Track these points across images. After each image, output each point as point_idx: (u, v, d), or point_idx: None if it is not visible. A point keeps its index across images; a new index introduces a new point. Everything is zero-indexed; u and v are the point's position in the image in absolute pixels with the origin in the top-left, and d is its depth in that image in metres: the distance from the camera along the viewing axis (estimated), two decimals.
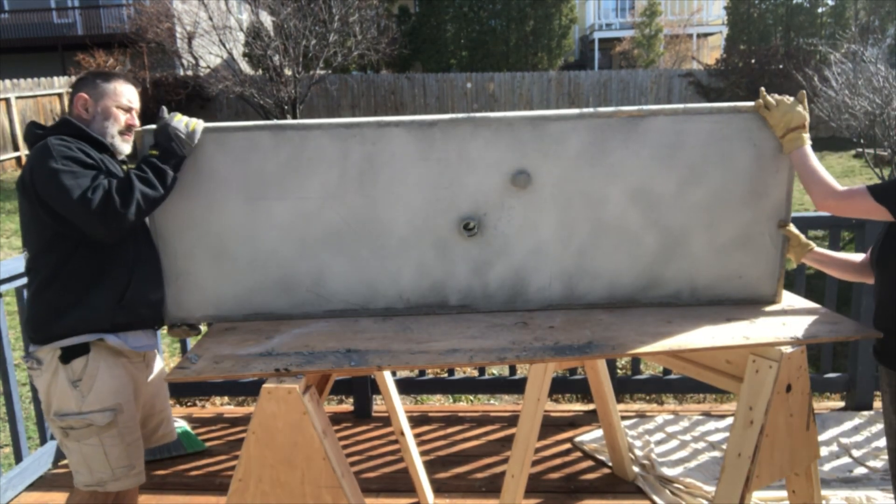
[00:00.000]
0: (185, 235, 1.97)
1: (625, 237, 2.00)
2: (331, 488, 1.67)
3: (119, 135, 2.00)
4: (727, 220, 1.98)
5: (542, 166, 1.94)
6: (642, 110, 1.92)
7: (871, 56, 9.39)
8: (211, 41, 14.52)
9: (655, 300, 2.05)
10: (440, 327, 1.93)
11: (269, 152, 1.92)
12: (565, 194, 1.96)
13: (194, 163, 1.92)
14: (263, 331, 1.95)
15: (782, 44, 17.12)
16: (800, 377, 1.80)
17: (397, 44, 16.91)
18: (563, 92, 17.54)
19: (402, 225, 1.97)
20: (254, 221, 1.96)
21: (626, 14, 25.00)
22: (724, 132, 1.92)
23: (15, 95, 14.06)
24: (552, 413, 3.42)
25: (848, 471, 2.81)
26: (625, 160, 1.94)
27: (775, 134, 1.89)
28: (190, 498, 2.79)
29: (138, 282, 1.93)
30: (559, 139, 1.92)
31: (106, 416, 1.92)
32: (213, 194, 1.94)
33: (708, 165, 1.94)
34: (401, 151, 1.92)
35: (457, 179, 1.94)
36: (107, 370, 1.92)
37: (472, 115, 1.92)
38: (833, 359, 3.42)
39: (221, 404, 3.92)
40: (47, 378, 1.92)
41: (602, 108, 1.96)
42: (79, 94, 1.98)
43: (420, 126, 1.90)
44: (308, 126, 1.90)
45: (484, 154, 1.93)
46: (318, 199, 1.95)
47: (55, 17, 19.77)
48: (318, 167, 1.93)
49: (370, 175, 1.94)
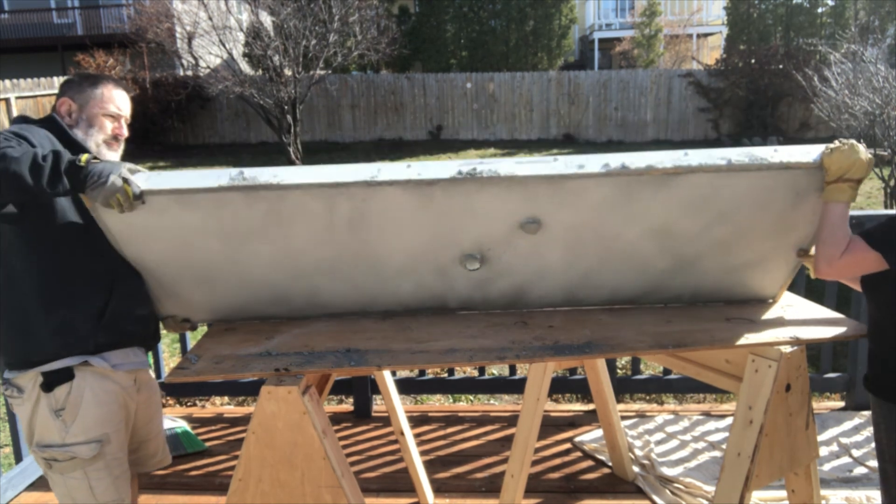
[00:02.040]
0: (167, 267, 1.84)
1: (636, 262, 1.90)
2: (331, 488, 1.67)
3: (104, 143, 1.86)
4: (746, 248, 1.86)
5: (557, 214, 1.74)
6: (679, 167, 1.63)
7: (870, 56, 9.40)
8: (211, 41, 14.51)
9: (657, 303, 2.05)
10: (440, 327, 1.92)
11: (242, 209, 1.67)
12: (578, 234, 1.80)
13: (160, 217, 1.68)
14: (263, 331, 1.95)
15: (782, 44, 17.12)
16: (799, 377, 1.80)
17: (397, 44, 16.89)
18: (562, 92, 17.52)
19: (399, 259, 1.84)
20: (238, 258, 1.80)
21: (626, 14, 24.98)
22: (766, 184, 1.70)
23: (15, 95, 14.06)
24: (552, 413, 3.41)
25: (848, 471, 2.81)
26: (650, 208, 1.73)
27: (825, 177, 1.66)
28: (190, 498, 2.79)
29: (120, 297, 1.81)
30: (579, 193, 1.69)
31: (91, 449, 1.77)
32: (189, 238, 1.75)
33: (741, 210, 1.76)
34: (395, 206, 1.69)
35: (460, 226, 1.76)
36: (93, 397, 1.78)
37: (478, 169, 1.63)
38: (833, 359, 3.42)
39: (221, 404, 3.92)
40: (29, 407, 1.77)
41: (631, 161, 1.64)
42: (63, 98, 1.84)
43: (417, 185, 1.64)
44: (285, 186, 1.62)
45: (491, 208, 1.72)
46: (306, 241, 1.78)
47: (55, 17, 19.75)
48: (300, 220, 1.71)
49: (361, 224, 1.73)
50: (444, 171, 1.63)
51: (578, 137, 17.55)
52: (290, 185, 1.62)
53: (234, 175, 1.63)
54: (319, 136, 17.83)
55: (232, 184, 1.62)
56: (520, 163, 1.64)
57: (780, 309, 2.00)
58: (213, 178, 1.63)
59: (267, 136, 17.15)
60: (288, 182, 1.62)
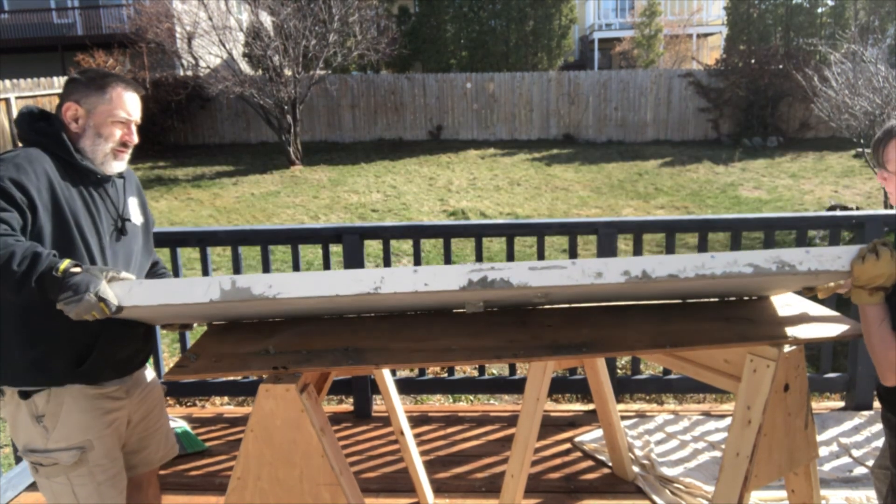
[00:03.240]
0: (156, 318, 1.81)
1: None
2: (329, 486, 1.67)
3: (111, 153, 1.77)
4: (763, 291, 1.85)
5: (564, 293, 1.70)
6: (703, 276, 1.53)
7: (870, 56, 9.40)
8: (211, 41, 14.51)
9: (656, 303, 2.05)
10: (438, 326, 1.92)
11: (235, 307, 1.63)
12: (583, 298, 1.80)
13: (144, 311, 1.60)
14: (262, 329, 1.94)
15: (782, 44, 17.11)
16: (798, 376, 1.80)
17: (397, 44, 16.90)
18: (562, 92, 17.51)
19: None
20: (230, 314, 1.79)
21: (625, 14, 24.99)
22: (788, 282, 1.66)
23: (15, 95, 14.06)
24: (552, 413, 3.41)
25: (848, 471, 2.81)
26: (662, 293, 1.70)
27: (853, 281, 1.58)
28: (190, 498, 2.79)
29: (106, 342, 1.75)
30: (592, 290, 1.63)
31: (72, 456, 1.73)
32: (178, 312, 1.66)
33: (757, 291, 1.76)
34: (398, 303, 1.67)
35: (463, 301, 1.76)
36: (73, 403, 1.73)
37: (489, 278, 1.53)
38: (833, 359, 3.43)
39: (221, 404, 3.92)
40: (12, 410, 1.74)
41: (652, 269, 1.54)
42: (68, 102, 1.74)
43: (424, 293, 1.55)
44: (281, 300, 1.54)
45: (500, 296, 1.71)
46: (307, 309, 1.75)
47: (55, 18, 19.76)
48: (298, 310, 1.73)
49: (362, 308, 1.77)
50: (452, 281, 1.53)
51: (578, 137, 17.55)
52: (287, 299, 1.54)
53: (226, 287, 1.51)
54: (319, 137, 17.83)
55: (223, 299, 1.52)
56: (533, 269, 1.54)
57: (778, 308, 2.00)
58: (202, 291, 1.51)
59: (267, 136, 17.15)
60: (284, 296, 1.53)
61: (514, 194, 12.08)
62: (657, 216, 9.75)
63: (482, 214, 10.69)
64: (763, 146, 16.05)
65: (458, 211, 10.89)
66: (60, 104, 1.76)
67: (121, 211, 1.86)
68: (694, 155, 15.20)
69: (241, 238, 3.44)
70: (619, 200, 11.56)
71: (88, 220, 1.74)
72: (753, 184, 12.56)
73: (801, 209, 10.66)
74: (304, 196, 12.09)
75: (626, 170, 14.02)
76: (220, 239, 3.50)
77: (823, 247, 1.57)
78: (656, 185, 12.57)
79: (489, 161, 15.14)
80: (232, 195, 12.28)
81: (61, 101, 1.77)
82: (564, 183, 12.92)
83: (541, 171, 14.03)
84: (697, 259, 1.53)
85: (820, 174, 13.12)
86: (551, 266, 1.54)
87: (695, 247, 5.16)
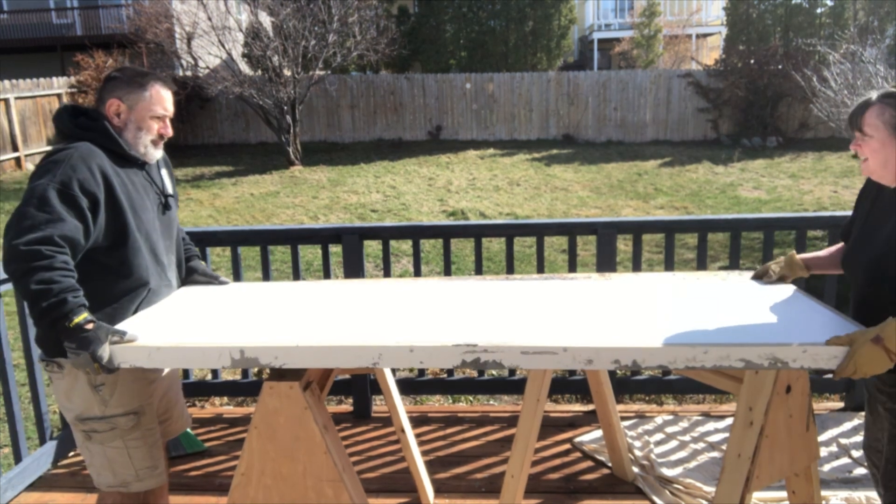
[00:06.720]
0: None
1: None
2: (332, 482, 1.68)
3: (151, 143, 1.95)
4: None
5: None
6: (693, 369, 1.62)
7: (869, 56, 9.41)
8: (210, 41, 14.50)
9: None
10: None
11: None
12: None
13: None
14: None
15: (781, 44, 17.11)
16: (799, 378, 1.80)
17: (396, 44, 16.88)
18: (562, 92, 17.52)
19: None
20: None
21: (625, 14, 25.01)
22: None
23: (14, 96, 14.06)
24: (552, 413, 3.42)
25: (847, 471, 2.81)
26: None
27: (843, 363, 1.56)
28: (190, 498, 2.78)
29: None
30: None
31: (130, 420, 1.91)
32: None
33: None
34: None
35: None
36: (128, 373, 1.89)
37: (481, 359, 1.65)
38: None
39: (221, 405, 3.92)
40: (69, 381, 1.88)
41: (643, 359, 1.60)
42: (112, 98, 1.90)
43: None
44: (284, 372, 1.73)
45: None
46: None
47: (54, 18, 19.75)
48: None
49: None
50: (446, 360, 1.65)
51: (578, 137, 17.56)
52: (290, 370, 1.71)
53: (236, 357, 1.66)
54: (319, 137, 17.83)
55: (233, 366, 1.68)
56: (525, 353, 1.63)
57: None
58: (214, 359, 1.67)
59: (266, 136, 17.15)
60: (289, 367, 1.66)
61: (514, 194, 12.08)
62: (657, 216, 9.75)
63: (482, 215, 10.69)
64: (762, 146, 16.07)
65: (457, 211, 10.89)
66: (102, 99, 1.91)
67: (163, 189, 2.06)
68: (693, 155, 15.21)
69: (240, 238, 3.44)
70: (618, 200, 11.56)
71: (140, 203, 1.92)
72: (753, 184, 12.57)
73: (801, 209, 10.67)
74: (304, 196, 12.09)
75: (625, 170, 14.02)
76: (219, 239, 3.50)
77: (819, 347, 1.56)
78: (656, 186, 12.58)
79: (488, 161, 15.14)
80: (231, 195, 12.27)
81: (102, 96, 1.91)
82: (564, 183, 12.92)
83: (540, 171, 14.03)
84: (689, 352, 1.58)
85: (819, 174, 13.13)
86: (543, 352, 1.62)
87: (694, 247, 5.16)
